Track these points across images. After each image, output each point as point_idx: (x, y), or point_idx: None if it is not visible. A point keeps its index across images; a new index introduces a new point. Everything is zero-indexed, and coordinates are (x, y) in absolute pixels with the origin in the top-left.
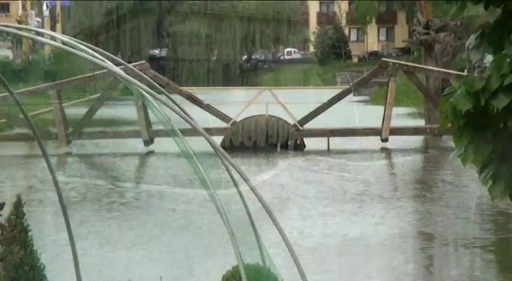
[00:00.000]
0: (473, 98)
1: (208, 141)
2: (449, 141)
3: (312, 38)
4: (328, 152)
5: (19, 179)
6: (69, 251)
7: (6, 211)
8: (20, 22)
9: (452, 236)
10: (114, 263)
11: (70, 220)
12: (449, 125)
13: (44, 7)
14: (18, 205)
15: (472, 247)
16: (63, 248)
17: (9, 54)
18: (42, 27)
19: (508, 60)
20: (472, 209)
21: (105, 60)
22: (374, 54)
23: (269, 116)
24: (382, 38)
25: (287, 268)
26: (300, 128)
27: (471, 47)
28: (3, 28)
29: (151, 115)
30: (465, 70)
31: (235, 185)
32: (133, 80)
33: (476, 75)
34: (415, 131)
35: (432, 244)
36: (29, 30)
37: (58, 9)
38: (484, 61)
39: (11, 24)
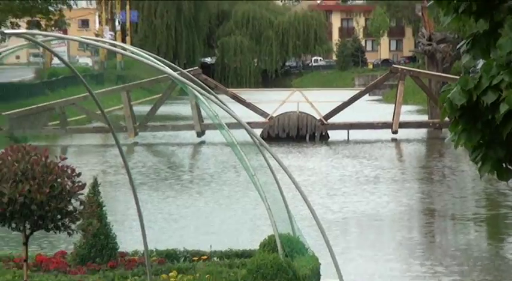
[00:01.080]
0: (467, 95)
1: (249, 133)
2: (448, 133)
3: (335, 48)
4: (348, 142)
5: (95, 164)
6: (137, 223)
7: (85, 190)
8: (97, 35)
9: (451, 211)
10: (172, 233)
11: (130, 200)
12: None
13: (116, 23)
14: (95, 185)
15: (467, 220)
16: (131, 221)
17: (88, 61)
18: (115, 39)
19: (496, 64)
20: (467, 189)
21: (165, 66)
22: (386, 62)
23: (299, 112)
24: (393, 48)
25: (313, 238)
26: (325, 122)
27: (462, 51)
28: (85, 40)
29: (202, 111)
30: (461, 74)
31: (271, 169)
32: (188, 83)
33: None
34: (420, 124)
35: (434, 217)
36: (104, 42)
37: (128, 24)
38: (477, 67)
39: (91, 37)
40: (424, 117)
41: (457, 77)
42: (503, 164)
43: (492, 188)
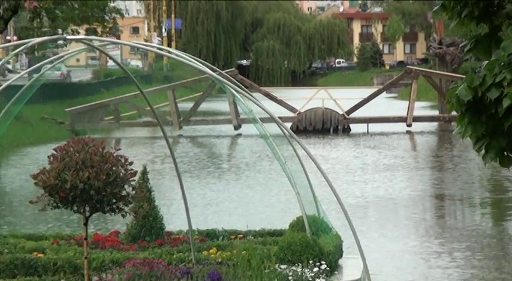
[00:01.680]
0: (472, 91)
1: (280, 126)
2: (456, 126)
3: (355, 51)
4: (367, 134)
5: (144, 154)
6: (182, 206)
7: (136, 177)
8: (146, 40)
9: (459, 196)
10: (212, 215)
11: (175, 186)
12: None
13: (163, 30)
14: (144, 173)
15: (475, 203)
16: (176, 204)
17: (139, 63)
18: (162, 44)
19: (498, 63)
20: (475, 176)
21: (206, 68)
22: (401, 63)
23: (324, 108)
24: (407, 51)
25: (336, 219)
26: (347, 116)
27: (466, 50)
28: (135, 44)
29: (239, 107)
30: (466, 73)
31: (299, 158)
32: (226, 82)
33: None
34: (431, 118)
35: (445, 201)
36: (152, 46)
37: (173, 31)
38: (483, 67)
39: (140, 42)
40: (435, 112)
41: (465, 76)
42: (505, 153)
43: (498, 175)
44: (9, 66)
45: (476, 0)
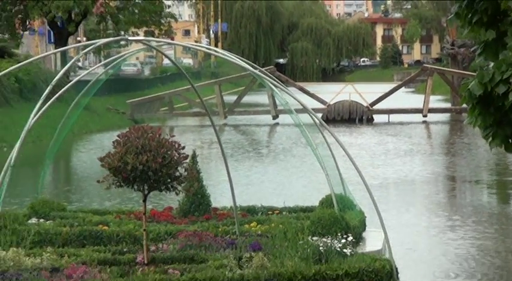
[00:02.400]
0: (483, 87)
1: (312, 116)
2: (466, 116)
3: (378, 51)
4: (388, 124)
5: (194, 140)
6: (227, 186)
7: (187, 160)
8: (196, 41)
9: (467, 177)
10: (253, 194)
11: (220, 168)
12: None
13: (211, 32)
14: (194, 156)
15: (482, 185)
16: (222, 184)
17: (190, 61)
18: (210, 45)
19: (505, 63)
20: (481, 160)
21: (248, 65)
22: (418, 62)
23: (351, 100)
24: (423, 51)
25: (360, 197)
26: (370, 108)
27: (477, 53)
28: (188, 45)
29: (276, 100)
30: (476, 72)
31: (328, 144)
32: (266, 78)
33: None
34: (444, 110)
35: (454, 182)
36: (202, 47)
37: (219, 33)
38: (489, 66)
39: (192, 43)
40: (448, 105)
41: (474, 73)
42: (510, 140)
43: (503, 160)
44: (79, 64)
45: (485, 9)
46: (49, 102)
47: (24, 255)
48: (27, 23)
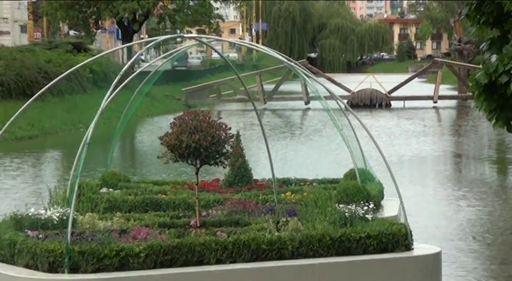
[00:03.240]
0: (488, 76)
1: (338, 102)
2: (471, 103)
3: (395, 47)
4: (404, 109)
5: (238, 122)
6: (265, 161)
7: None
8: (240, 38)
9: (472, 154)
10: (288, 167)
11: (260, 146)
12: (474, 91)
13: (253, 31)
14: (238, 136)
15: (485, 160)
16: (261, 160)
17: (235, 55)
18: (252, 41)
19: (507, 56)
20: (485, 140)
21: (284, 59)
22: (429, 56)
23: (372, 89)
24: (434, 47)
25: (379, 171)
26: (388, 95)
27: (484, 49)
28: (233, 41)
29: (308, 88)
30: (480, 64)
31: (352, 126)
32: (299, 69)
33: (489, 62)
34: (452, 97)
35: (460, 158)
36: (245, 43)
37: (260, 31)
38: (492, 60)
39: (236, 40)
40: (455, 93)
41: (478, 66)
42: (510, 122)
43: (504, 139)
44: (142, 57)
45: (491, 11)
46: (117, 90)
47: (97, 219)
48: (100, 23)
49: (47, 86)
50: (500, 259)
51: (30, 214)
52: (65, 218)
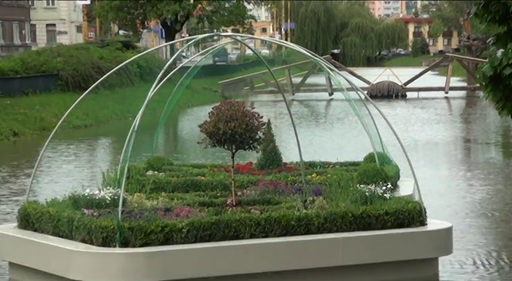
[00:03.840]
0: (493, 69)
1: (359, 93)
2: (479, 93)
3: (410, 43)
4: (418, 99)
5: (269, 112)
6: (293, 146)
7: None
8: (271, 36)
9: (480, 139)
10: (313, 152)
11: (289, 133)
12: (481, 82)
13: (282, 29)
14: (269, 123)
15: (490, 144)
16: (290, 145)
17: (266, 52)
18: (281, 39)
19: (511, 51)
20: (491, 126)
21: (310, 54)
22: (441, 52)
23: (389, 81)
24: (445, 43)
25: (396, 155)
26: (404, 86)
27: (491, 43)
28: (265, 39)
29: (332, 81)
30: (487, 59)
31: (371, 114)
32: (324, 63)
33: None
34: (461, 88)
35: (470, 143)
36: (275, 40)
37: (288, 30)
38: (497, 54)
39: (267, 38)
40: (464, 84)
41: (485, 60)
42: None
43: (509, 126)
44: (183, 54)
45: (497, 10)
46: (161, 83)
47: (144, 199)
48: (146, 23)
49: (100, 80)
50: (510, 235)
51: (85, 194)
52: (116, 198)
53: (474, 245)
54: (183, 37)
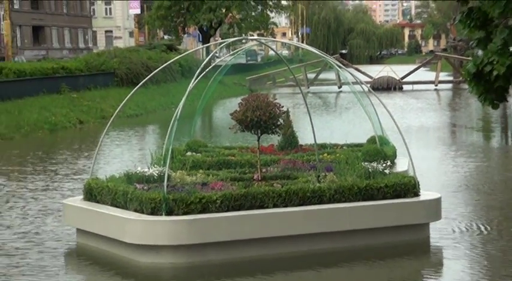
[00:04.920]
0: (476, 67)
1: (363, 86)
2: (464, 86)
3: (405, 45)
4: (412, 90)
5: (287, 102)
6: (308, 130)
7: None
8: (289, 40)
9: (465, 125)
10: (320, 134)
11: (304, 119)
12: (466, 78)
13: (299, 33)
14: (287, 112)
15: (473, 128)
16: (305, 129)
17: (286, 52)
18: (298, 41)
19: (490, 51)
20: (474, 114)
21: (322, 54)
22: (431, 51)
23: (388, 76)
24: (435, 44)
25: (393, 138)
26: (401, 80)
27: (474, 46)
28: (285, 41)
29: (340, 76)
30: (470, 57)
31: (372, 104)
32: (334, 61)
33: (477, 56)
34: (449, 82)
35: (456, 127)
36: (293, 42)
37: (304, 34)
38: (479, 54)
39: (287, 40)
40: (451, 78)
41: (469, 58)
42: (494, 101)
43: (489, 114)
44: (217, 54)
45: (478, 17)
46: (198, 78)
47: (185, 175)
48: (186, 29)
49: (148, 77)
50: (489, 205)
51: (137, 172)
52: (162, 174)
53: (459, 215)
54: (216, 40)
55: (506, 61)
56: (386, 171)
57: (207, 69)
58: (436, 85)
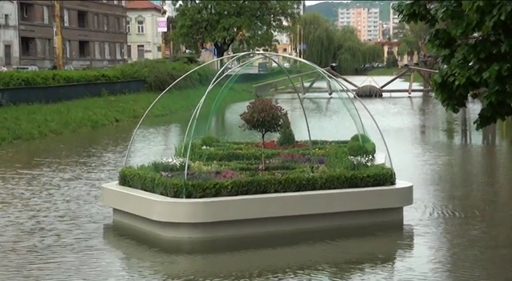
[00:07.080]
0: (441, 77)
1: (349, 94)
2: (432, 94)
3: (385, 59)
4: (390, 97)
5: (287, 106)
6: (304, 130)
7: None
8: (289, 54)
9: (434, 126)
10: (316, 132)
11: (300, 120)
12: (434, 87)
13: (297, 49)
14: (286, 114)
15: (439, 129)
16: (301, 128)
17: (287, 64)
18: (297, 56)
19: (453, 65)
20: (440, 117)
21: (315, 66)
22: (406, 65)
23: (370, 85)
24: (409, 59)
25: (373, 137)
26: (381, 89)
27: (440, 62)
28: (286, 56)
29: (331, 84)
30: (437, 69)
31: (356, 108)
32: (325, 73)
33: (442, 69)
34: (420, 91)
35: (425, 128)
36: (292, 57)
37: (302, 50)
38: (443, 67)
39: (287, 55)
40: (421, 87)
41: (436, 71)
42: (456, 106)
43: (453, 117)
44: (229, 66)
45: (443, 37)
46: (212, 86)
47: (202, 165)
48: (203, 44)
49: (173, 84)
50: (453, 194)
51: (163, 162)
52: (183, 164)
53: (428, 201)
54: (229, 54)
55: (466, 73)
56: (368, 164)
57: (221, 78)
58: (410, 93)
